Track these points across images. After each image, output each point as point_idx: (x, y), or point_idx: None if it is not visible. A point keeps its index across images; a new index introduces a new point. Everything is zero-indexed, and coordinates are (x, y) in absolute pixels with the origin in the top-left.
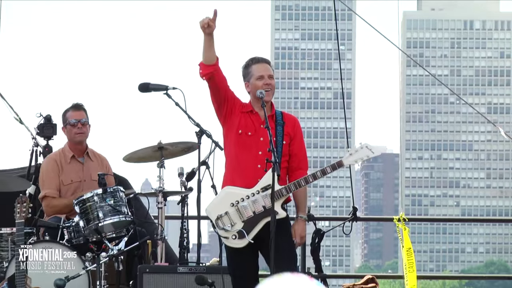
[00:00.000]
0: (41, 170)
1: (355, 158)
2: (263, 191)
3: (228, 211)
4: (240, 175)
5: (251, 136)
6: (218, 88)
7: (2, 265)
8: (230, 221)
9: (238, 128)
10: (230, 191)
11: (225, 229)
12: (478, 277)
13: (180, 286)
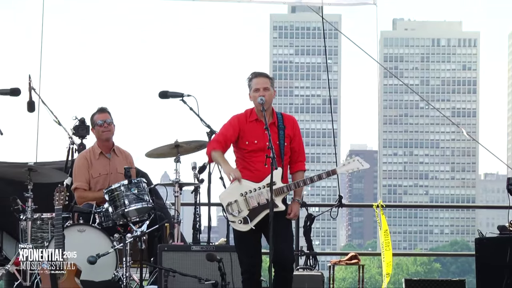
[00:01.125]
0: (74, 165)
1: (347, 168)
2: (268, 187)
3: (238, 199)
4: (249, 172)
5: (258, 143)
6: None
7: (43, 244)
8: (238, 208)
9: (245, 140)
10: (240, 183)
11: (233, 215)
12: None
13: (193, 262)
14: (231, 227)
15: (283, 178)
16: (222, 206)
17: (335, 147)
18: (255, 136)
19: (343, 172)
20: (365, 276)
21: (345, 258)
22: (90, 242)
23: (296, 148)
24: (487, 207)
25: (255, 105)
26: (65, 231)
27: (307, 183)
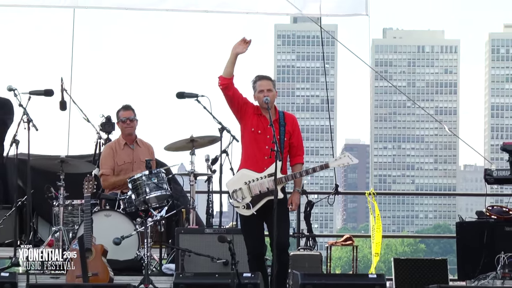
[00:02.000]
0: (101, 154)
1: (339, 163)
2: (269, 177)
3: (242, 187)
4: (252, 162)
5: (261, 134)
6: (232, 97)
7: (74, 228)
8: (242, 195)
9: (251, 126)
10: (245, 172)
11: (237, 201)
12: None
13: (206, 243)
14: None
15: (282, 169)
16: (228, 193)
17: (331, 141)
18: (259, 127)
19: (335, 166)
20: (358, 255)
21: (340, 239)
22: (115, 226)
23: (295, 143)
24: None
25: (260, 104)
26: (93, 215)
27: (303, 174)
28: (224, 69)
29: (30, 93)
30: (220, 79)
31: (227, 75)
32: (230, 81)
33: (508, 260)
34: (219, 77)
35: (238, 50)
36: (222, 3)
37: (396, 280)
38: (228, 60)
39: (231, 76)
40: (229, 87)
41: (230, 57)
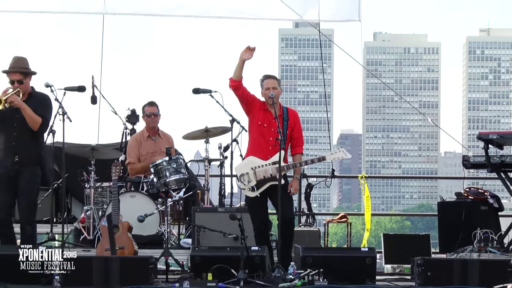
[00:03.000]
0: (127, 145)
1: (334, 156)
2: (272, 164)
3: (248, 172)
4: (258, 151)
5: (266, 127)
6: (241, 95)
7: (103, 207)
8: (248, 179)
9: (258, 120)
10: (252, 159)
11: (243, 183)
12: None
13: (219, 221)
14: None
15: (284, 159)
16: (236, 176)
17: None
18: (265, 121)
19: (331, 159)
20: (352, 231)
21: (336, 217)
22: (139, 205)
23: (296, 136)
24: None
25: (266, 99)
26: (120, 196)
27: (302, 165)
28: (234, 73)
29: (65, 89)
30: (230, 81)
31: (236, 78)
32: (239, 82)
33: (483, 235)
34: (230, 79)
35: (244, 57)
36: (233, 10)
37: (385, 253)
38: (236, 65)
39: (240, 78)
40: (239, 87)
41: (238, 62)
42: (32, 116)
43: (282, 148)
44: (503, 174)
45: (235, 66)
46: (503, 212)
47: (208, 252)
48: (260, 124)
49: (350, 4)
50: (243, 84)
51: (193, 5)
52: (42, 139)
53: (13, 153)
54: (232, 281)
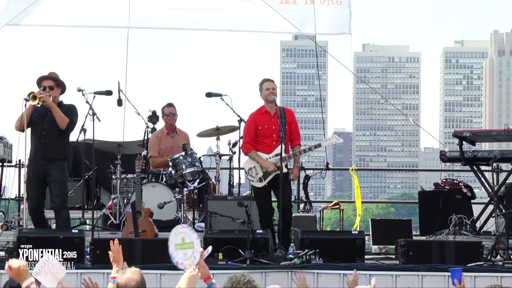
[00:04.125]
0: (149, 141)
1: (329, 142)
2: (275, 156)
3: (255, 165)
4: (262, 147)
5: (267, 128)
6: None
7: (128, 195)
8: (256, 171)
9: (258, 126)
10: (258, 154)
11: (252, 176)
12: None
13: (228, 207)
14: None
15: (285, 150)
16: (245, 170)
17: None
18: (265, 123)
19: (326, 145)
20: (344, 216)
21: (330, 204)
22: (159, 194)
23: (294, 130)
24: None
25: (265, 100)
26: (143, 186)
27: (301, 153)
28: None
29: (94, 93)
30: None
31: None
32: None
33: (458, 220)
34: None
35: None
36: (240, 24)
37: (373, 235)
38: (254, 158)
39: None
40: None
41: (256, 159)
42: (61, 115)
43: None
44: (475, 167)
45: (254, 158)
46: (475, 200)
47: (219, 234)
48: (261, 128)
49: (342, 19)
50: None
51: (206, 20)
52: (68, 138)
53: (43, 150)
54: (240, 260)
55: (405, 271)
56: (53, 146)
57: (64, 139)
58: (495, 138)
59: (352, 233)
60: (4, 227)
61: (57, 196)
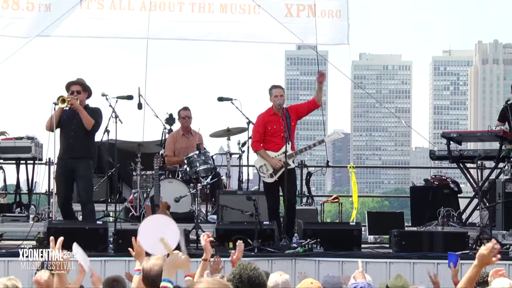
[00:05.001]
0: (166, 141)
1: (331, 138)
2: (282, 154)
3: (265, 163)
4: (271, 146)
5: (275, 128)
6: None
7: (147, 190)
8: (266, 168)
9: (268, 126)
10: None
11: (263, 172)
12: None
13: (238, 201)
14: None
15: (292, 147)
16: (256, 168)
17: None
18: (274, 124)
19: (329, 141)
20: (342, 209)
21: (330, 198)
22: (175, 189)
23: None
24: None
25: (274, 104)
26: (160, 182)
27: (306, 149)
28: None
29: (117, 97)
30: (252, 148)
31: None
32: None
33: (446, 213)
34: (252, 148)
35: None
36: (249, 35)
37: (369, 226)
38: (264, 157)
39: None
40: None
41: (265, 157)
42: (87, 117)
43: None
44: (461, 165)
45: (262, 156)
46: (462, 194)
47: (229, 225)
48: (270, 128)
49: (340, 31)
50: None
51: (218, 31)
52: (93, 138)
53: (70, 149)
54: (248, 249)
55: (398, 258)
56: (80, 145)
57: (90, 139)
58: (480, 138)
59: (350, 224)
60: (35, 219)
61: (83, 190)
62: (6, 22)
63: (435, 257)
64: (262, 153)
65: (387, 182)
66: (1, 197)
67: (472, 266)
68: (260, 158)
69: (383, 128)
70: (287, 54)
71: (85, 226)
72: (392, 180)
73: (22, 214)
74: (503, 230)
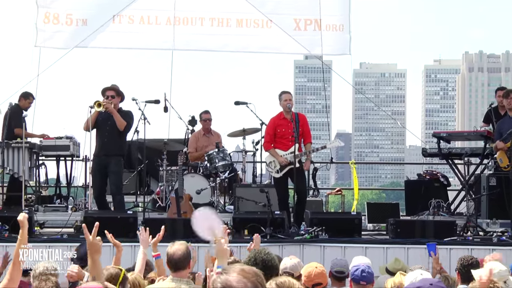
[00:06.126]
0: (189, 140)
1: (332, 145)
2: (290, 153)
3: (274, 160)
4: (280, 146)
5: (284, 131)
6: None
7: (172, 184)
8: (274, 164)
9: (278, 128)
10: (276, 151)
11: (271, 168)
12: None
13: (252, 193)
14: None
15: (299, 148)
16: (266, 163)
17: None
18: (283, 127)
19: (331, 147)
20: (344, 200)
21: (334, 191)
22: (197, 182)
23: (305, 132)
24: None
25: (284, 108)
26: (184, 176)
27: (311, 152)
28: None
29: (145, 101)
30: (264, 148)
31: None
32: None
33: (436, 204)
34: (264, 148)
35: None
36: (262, 46)
37: (368, 216)
38: (273, 155)
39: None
40: (269, 144)
41: (274, 155)
42: (120, 119)
43: (296, 142)
44: (450, 161)
45: (272, 154)
46: (450, 187)
47: (244, 215)
48: (280, 130)
49: (343, 43)
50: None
51: (235, 43)
52: (125, 138)
53: (105, 147)
54: (262, 235)
55: (394, 244)
56: (113, 144)
57: (122, 138)
58: (466, 137)
59: (351, 214)
60: (73, 209)
61: (113, 184)
62: (48, 35)
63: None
64: (272, 151)
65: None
66: (43, 189)
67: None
68: (269, 156)
69: (380, 129)
70: (295, 63)
71: (117, 215)
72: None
73: (62, 204)
74: (487, 219)
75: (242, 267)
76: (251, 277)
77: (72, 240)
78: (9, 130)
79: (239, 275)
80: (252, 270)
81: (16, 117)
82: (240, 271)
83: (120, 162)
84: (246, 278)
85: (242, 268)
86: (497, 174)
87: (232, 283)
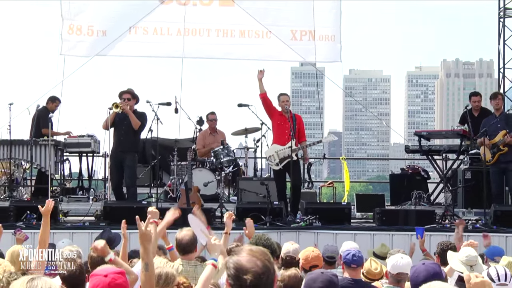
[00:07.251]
0: (197, 138)
1: (328, 139)
2: (288, 148)
3: (273, 154)
4: (279, 141)
5: (283, 126)
6: (266, 104)
7: (182, 177)
8: (274, 158)
9: (277, 121)
10: (275, 146)
11: (271, 161)
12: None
13: (254, 186)
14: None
15: (296, 144)
16: (266, 157)
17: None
18: (282, 122)
19: (326, 142)
20: (336, 192)
21: (326, 183)
22: (204, 176)
23: (301, 130)
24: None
25: (282, 108)
26: (192, 170)
27: (307, 147)
28: (259, 89)
29: (158, 104)
30: (260, 95)
31: (261, 91)
32: (265, 95)
33: (418, 195)
34: (259, 94)
35: (259, 77)
36: (262, 54)
37: (357, 205)
38: (258, 85)
39: (264, 92)
40: (265, 98)
41: (258, 82)
42: (135, 119)
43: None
44: (430, 157)
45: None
46: (430, 180)
47: (247, 205)
48: (279, 123)
49: (334, 51)
50: (268, 97)
51: (238, 52)
52: (139, 137)
53: (121, 144)
54: (262, 223)
55: (380, 231)
56: (129, 141)
57: (137, 137)
58: (444, 136)
59: (342, 204)
60: (94, 200)
61: (128, 177)
62: (71, 44)
63: (409, 230)
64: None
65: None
66: (67, 182)
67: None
68: (269, 150)
69: (368, 128)
70: (292, 69)
71: (133, 205)
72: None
73: (84, 195)
74: (463, 208)
75: (250, 247)
76: (259, 255)
77: (93, 227)
78: (37, 129)
79: (248, 255)
80: (259, 249)
81: (43, 118)
82: (249, 251)
83: (135, 158)
84: (255, 257)
85: (250, 249)
86: (471, 168)
87: (243, 263)
